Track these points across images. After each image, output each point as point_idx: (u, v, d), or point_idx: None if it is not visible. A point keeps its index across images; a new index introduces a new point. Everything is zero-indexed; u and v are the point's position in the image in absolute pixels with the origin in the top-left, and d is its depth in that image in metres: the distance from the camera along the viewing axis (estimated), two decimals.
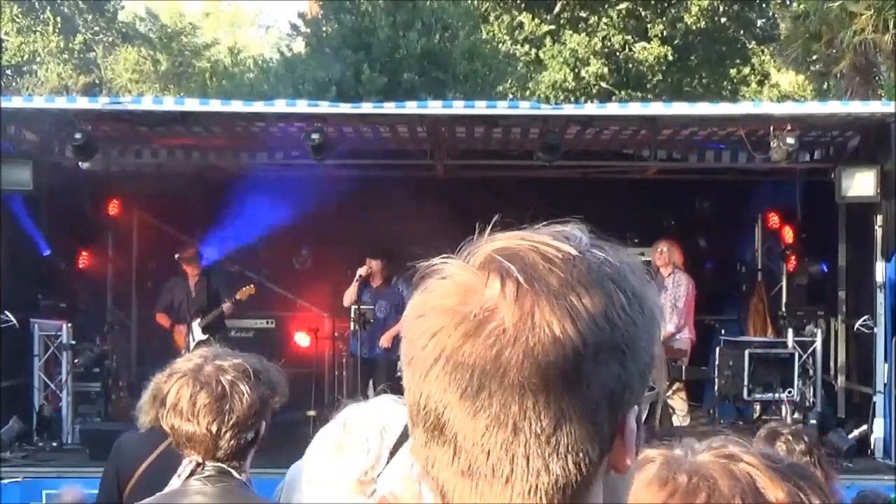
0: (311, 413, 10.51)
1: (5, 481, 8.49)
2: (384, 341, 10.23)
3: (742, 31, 26.27)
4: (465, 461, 0.91)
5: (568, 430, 0.89)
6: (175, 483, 2.58)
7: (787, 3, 21.83)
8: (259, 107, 9.96)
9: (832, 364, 10.88)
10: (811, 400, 10.22)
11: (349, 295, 10.46)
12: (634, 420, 0.94)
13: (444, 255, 0.96)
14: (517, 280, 0.90)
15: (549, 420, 0.88)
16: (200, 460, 2.54)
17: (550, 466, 0.90)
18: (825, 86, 21.80)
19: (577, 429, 0.89)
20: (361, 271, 10.38)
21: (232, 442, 2.52)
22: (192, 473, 2.54)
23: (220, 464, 2.54)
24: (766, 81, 26.75)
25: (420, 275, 0.96)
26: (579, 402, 0.89)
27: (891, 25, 17.18)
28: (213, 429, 2.49)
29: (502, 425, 0.89)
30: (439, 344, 0.91)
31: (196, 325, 10.51)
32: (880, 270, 9.55)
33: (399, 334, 0.97)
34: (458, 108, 10.12)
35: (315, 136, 9.47)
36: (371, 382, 10.05)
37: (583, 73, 24.40)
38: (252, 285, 10.76)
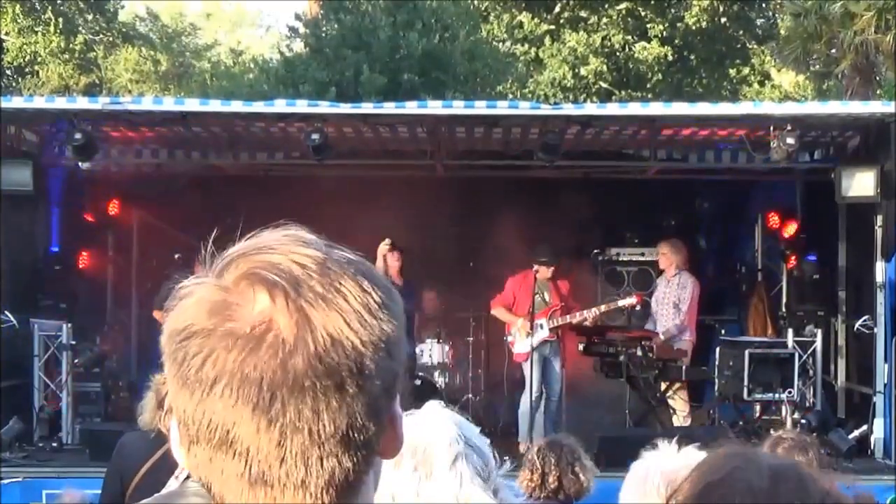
0: None
1: (5, 481, 8.48)
2: None
3: (742, 31, 26.24)
4: (257, 471, 0.93)
5: (360, 425, 0.93)
6: (172, 484, 2.58)
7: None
8: (259, 107, 9.97)
9: (832, 364, 10.86)
10: (811, 400, 10.20)
11: None
12: (398, 407, 0.98)
13: (192, 277, 0.98)
14: (284, 290, 0.92)
15: (342, 418, 0.92)
16: None
17: (343, 464, 0.93)
18: (825, 86, 21.81)
19: (366, 423, 0.93)
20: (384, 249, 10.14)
21: None
22: (189, 475, 2.53)
23: None
24: (766, 81, 26.73)
25: (171, 297, 0.99)
26: (365, 398, 0.93)
27: (892, 25, 17.19)
28: None
29: (298, 431, 0.91)
30: (218, 364, 0.92)
31: None
32: (880, 270, 9.54)
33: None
34: (458, 108, 10.11)
35: (315, 136, 9.46)
36: None
37: (582, 72, 24.37)
38: None
